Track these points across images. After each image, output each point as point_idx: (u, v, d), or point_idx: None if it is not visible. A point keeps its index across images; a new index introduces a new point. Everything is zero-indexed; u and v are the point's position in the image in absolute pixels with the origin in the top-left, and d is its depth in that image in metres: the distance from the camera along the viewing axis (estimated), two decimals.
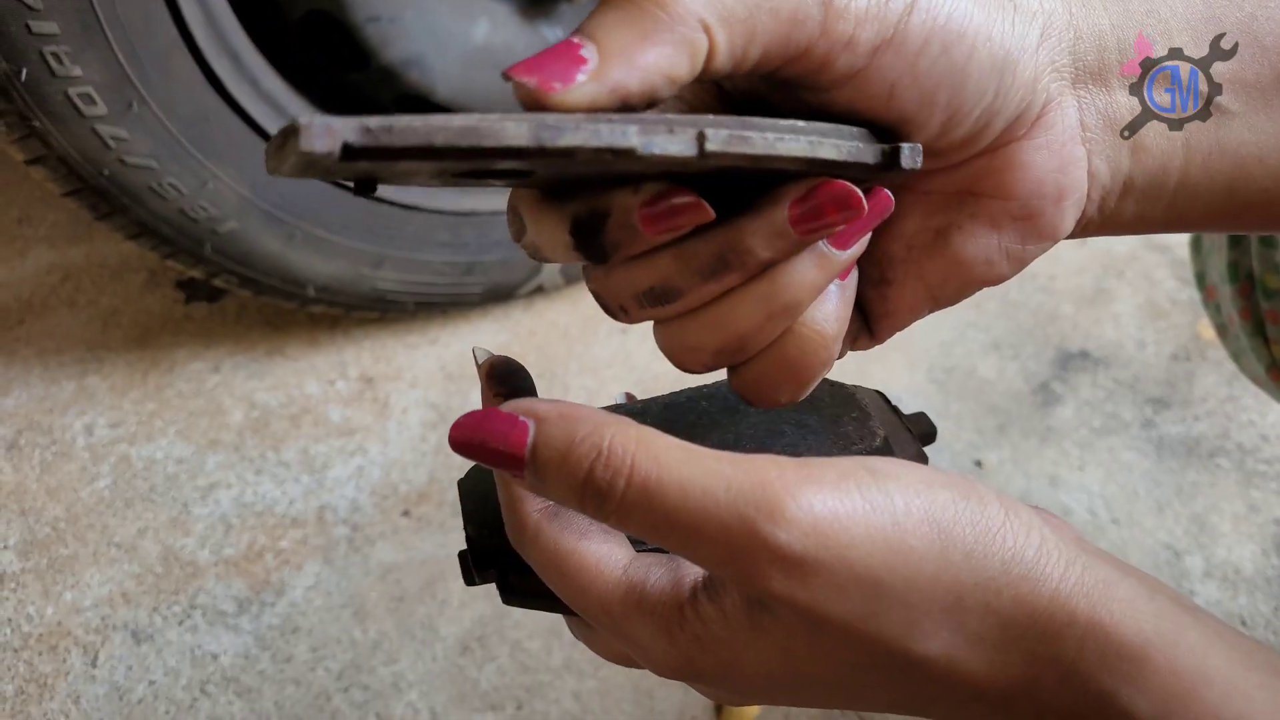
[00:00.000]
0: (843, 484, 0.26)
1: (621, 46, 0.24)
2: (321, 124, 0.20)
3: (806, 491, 0.26)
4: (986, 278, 0.33)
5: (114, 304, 1.10)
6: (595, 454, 0.26)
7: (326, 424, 0.99)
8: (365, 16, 0.81)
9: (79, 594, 0.85)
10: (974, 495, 0.28)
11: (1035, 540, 0.27)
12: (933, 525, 0.26)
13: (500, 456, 0.27)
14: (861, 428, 0.36)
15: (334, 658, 0.81)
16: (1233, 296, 0.71)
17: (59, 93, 0.73)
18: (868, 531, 0.26)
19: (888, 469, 0.28)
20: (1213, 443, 1.02)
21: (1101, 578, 0.27)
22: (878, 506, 0.26)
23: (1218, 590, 0.89)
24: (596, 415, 0.27)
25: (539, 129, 0.22)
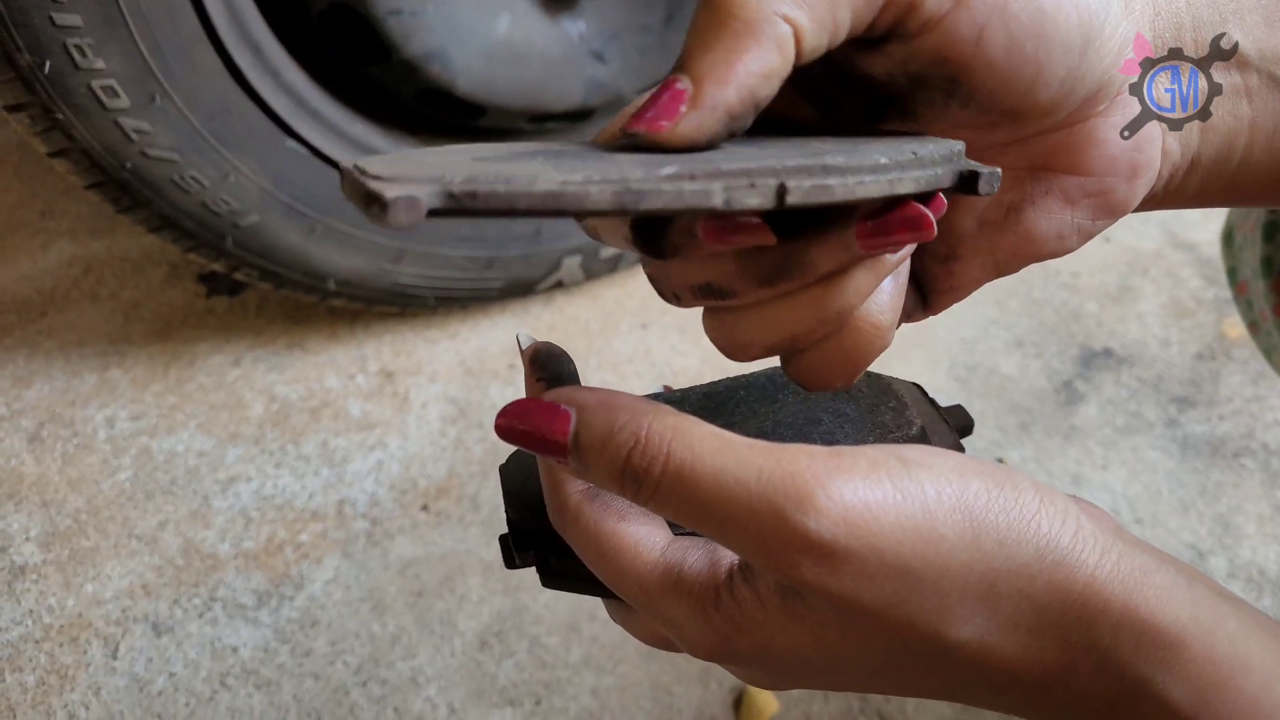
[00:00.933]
0: (873, 473, 0.26)
1: (711, 67, 0.25)
2: (406, 199, 0.20)
3: (837, 480, 0.26)
4: (1055, 251, 0.33)
5: (136, 297, 1.11)
6: (633, 441, 0.27)
7: (346, 418, 0.99)
8: (387, 9, 0.81)
9: (100, 586, 0.85)
10: (1008, 482, 0.28)
11: (1071, 527, 0.27)
12: (965, 513, 0.26)
13: (545, 443, 0.28)
14: (899, 417, 0.36)
15: (353, 652, 0.81)
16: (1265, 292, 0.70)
17: (82, 85, 0.73)
18: (898, 520, 0.26)
19: (920, 457, 0.27)
20: (1237, 443, 1.01)
21: (1138, 565, 0.27)
22: (909, 495, 0.26)
23: (1242, 591, 0.88)
24: (636, 403, 0.28)
25: (623, 194, 0.21)
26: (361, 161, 0.23)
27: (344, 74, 0.90)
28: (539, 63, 0.90)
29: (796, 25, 0.26)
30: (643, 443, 0.27)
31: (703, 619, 0.29)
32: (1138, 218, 1.31)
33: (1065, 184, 0.32)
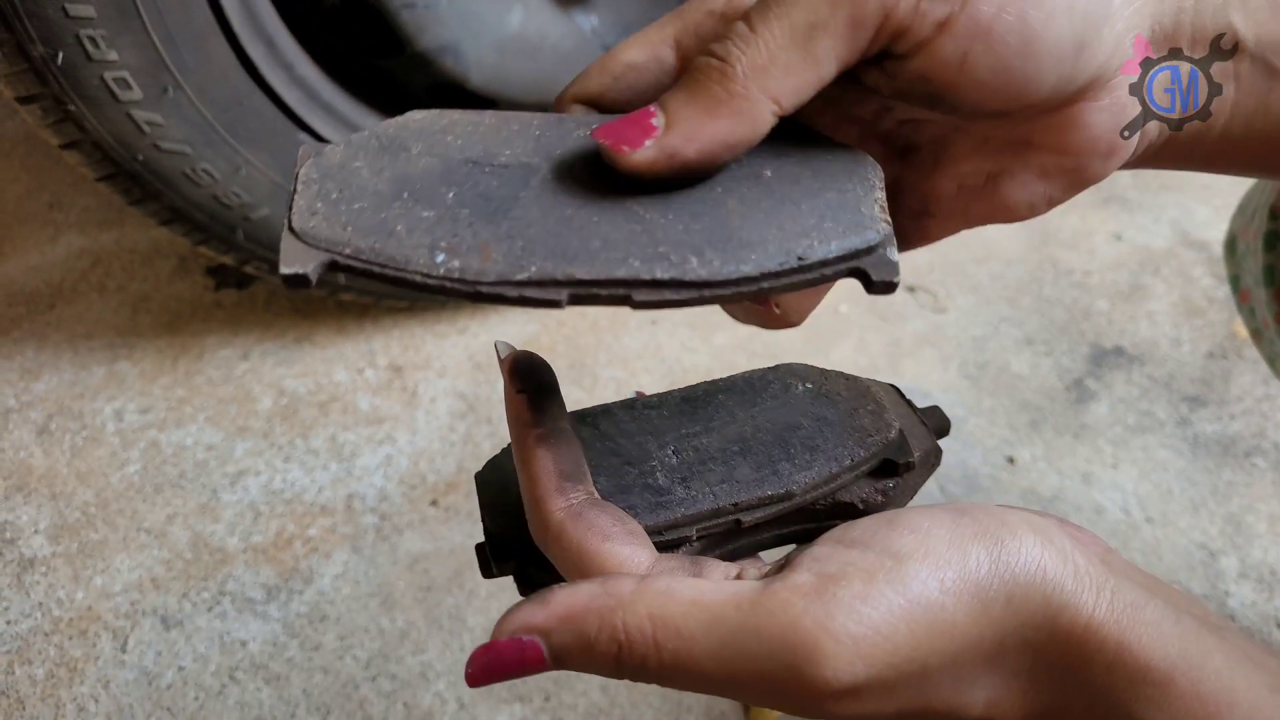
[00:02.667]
0: (872, 588, 0.26)
1: (685, 119, 0.27)
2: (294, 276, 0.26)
3: (838, 617, 0.26)
4: (1023, 216, 0.34)
5: (144, 290, 1.11)
6: (616, 647, 0.26)
7: (355, 412, 0.99)
8: (400, 3, 0.81)
9: (109, 579, 0.85)
10: (1006, 533, 0.28)
11: (1070, 567, 0.28)
12: (972, 591, 0.27)
13: (527, 671, 0.27)
14: (877, 420, 0.35)
15: (362, 646, 0.81)
16: (1268, 301, 0.70)
17: (95, 77, 0.73)
18: (910, 629, 0.26)
19: (913, 543, 0.27)
20: (1249, 442, 1.00)
21: (1130, 601, 0.28)
22: (914, 597, 0.26)
23: (1253, 591, 0.87)
24: (599, 601, 0.27)
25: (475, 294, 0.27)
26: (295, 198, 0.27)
27: (356, 67, 0.89)
28: (551, 57, 0.90)
29: (779, 101, 0.27)
30: (626, 645, 0.26)
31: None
32: (1150, 218, 1.30)
33: (1045, 160, 0.32)
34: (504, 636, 0.27)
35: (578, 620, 0.27)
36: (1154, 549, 0.90)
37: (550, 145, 0.29)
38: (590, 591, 0.27)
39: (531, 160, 0.29)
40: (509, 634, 0.27)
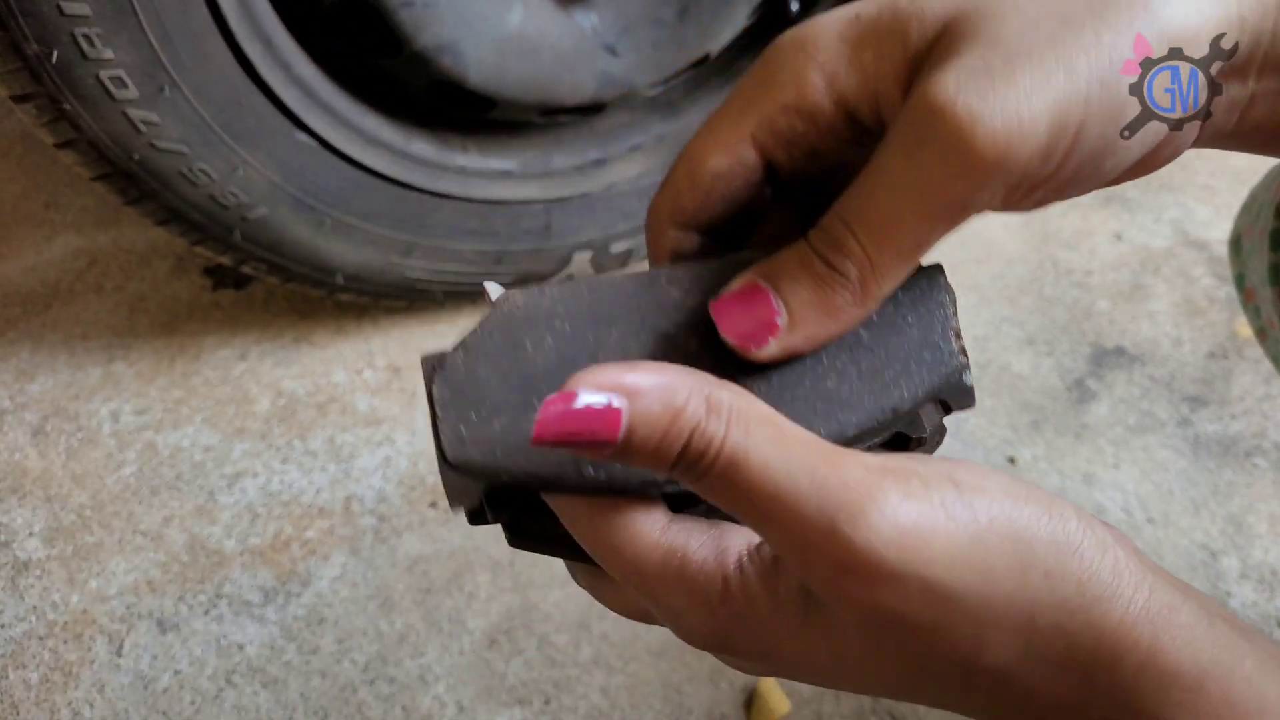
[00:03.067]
0: (928, 494, 0.26)
1: (809, 322, 0.29)
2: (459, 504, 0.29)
3: (892, 498, 0.25)
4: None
5: (141, 290, 1.10)
6: (692, 427, 0.25)
7: (354, 413, 0.99)
8: (399, 1, 0.80)
9: (104, 582, 0.84)
10: (1055, 510, 0.27)
11: (1110, 560, 0.27)
12: (1015, 543, 0.26)
13: (590, 447, 0.25)
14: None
15: (360, 649, 0.81)
16: (1273, 300, 0.69)
17: (90, 75, 0.72)
18: (948, 547, 0.25)
19: (973, 480, 0.27)
20: (1250, 442, 1.00)
21: (1166, 602, 0.27)
22: (961, 522, 0.26)
23: (1254, 592, 0.87)
24: (693, 376, 0.26)
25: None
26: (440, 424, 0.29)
27: (355, 66, 0.89)
28: (551, 55, 0.90)
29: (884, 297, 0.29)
30: (700, 427, 0.25)
31: (705, 610, 0.28)
32: (1150, 218, 1.30)
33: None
34: (587, 388, 0.25)
35: (666, 390, 0.25)
36: (1155, 549, 0.90)
37: (653, 321, 0.30)
38: (680, 370, 0.26)
39: (640, 340, 0.30)
40: (593, 389, 0.25)
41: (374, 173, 0.89)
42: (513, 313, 0.30)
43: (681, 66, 0.97)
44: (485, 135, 0.97)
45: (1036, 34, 0.26)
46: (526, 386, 0.29)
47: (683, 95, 1.06)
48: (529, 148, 0.99)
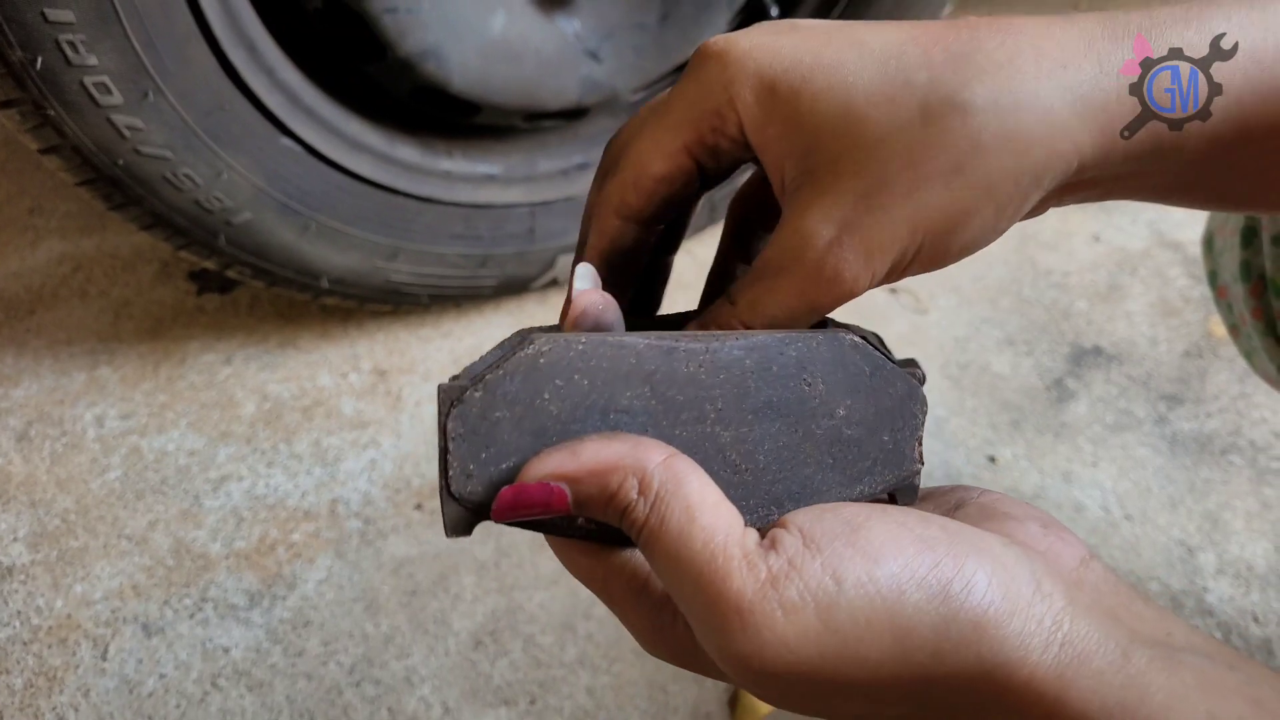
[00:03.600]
0: (803, 604, 0.27)
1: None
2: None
3: (756, 616, 0.27)
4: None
5: (126, 295, 1.10)
6: (625, 507, 0.29)
7: (339, 416, 0.99)
8: (382, 7, 0.81)
9: (89, 586, 0.84)
10: (960, 580, 0.28)
11: (1022, 618, 0.28)
12: (895, 635, 0.27)
13: (549, 514, 0.30)
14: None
15: (346, 652, 0.81)
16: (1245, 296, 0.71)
17: (74, 81, 0.72)
18: (818, 653, 0.27)
19: (861, 571, 0.28)
20: (1225, 440, 1.02)
21: (1079, 652, 0.28)
22: (832, 625, 0.27)
23: (1230, 587, 0.88)
24: (626, 461, 0.29)
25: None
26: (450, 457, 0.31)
27: (339, 71, 0.89)
28: (534, 61, 0.90)
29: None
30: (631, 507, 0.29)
31: (656, 634, 0.31)
32: (1127, 219, 1.32)
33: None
34: (533, 480, 0.29)
35: (605, 475, 0.29)
36: (1133, 546, 0.91)
37: (662, 387, 0.32)
38: (621, 449, 0.29)
39: (648, 405, 0.32)
40: (538, 479, 0.29)
41: (358, 177, 0.89)
42: (536, 361, 0.31)
43: (663, 71, 0.98)
44: (470, 140, 0.98)
45: (890, 174, 0.30)
46: (538, 434, 0.31)
47: None
48: (513, 152, 1.00)
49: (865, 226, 0.30)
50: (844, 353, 0.33)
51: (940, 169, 0.30)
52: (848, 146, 0.31)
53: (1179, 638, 0.29)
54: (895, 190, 0.30)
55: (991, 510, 0.33)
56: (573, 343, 0.31)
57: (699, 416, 0.32)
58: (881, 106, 0.30)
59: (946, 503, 0.35)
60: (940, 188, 0.30)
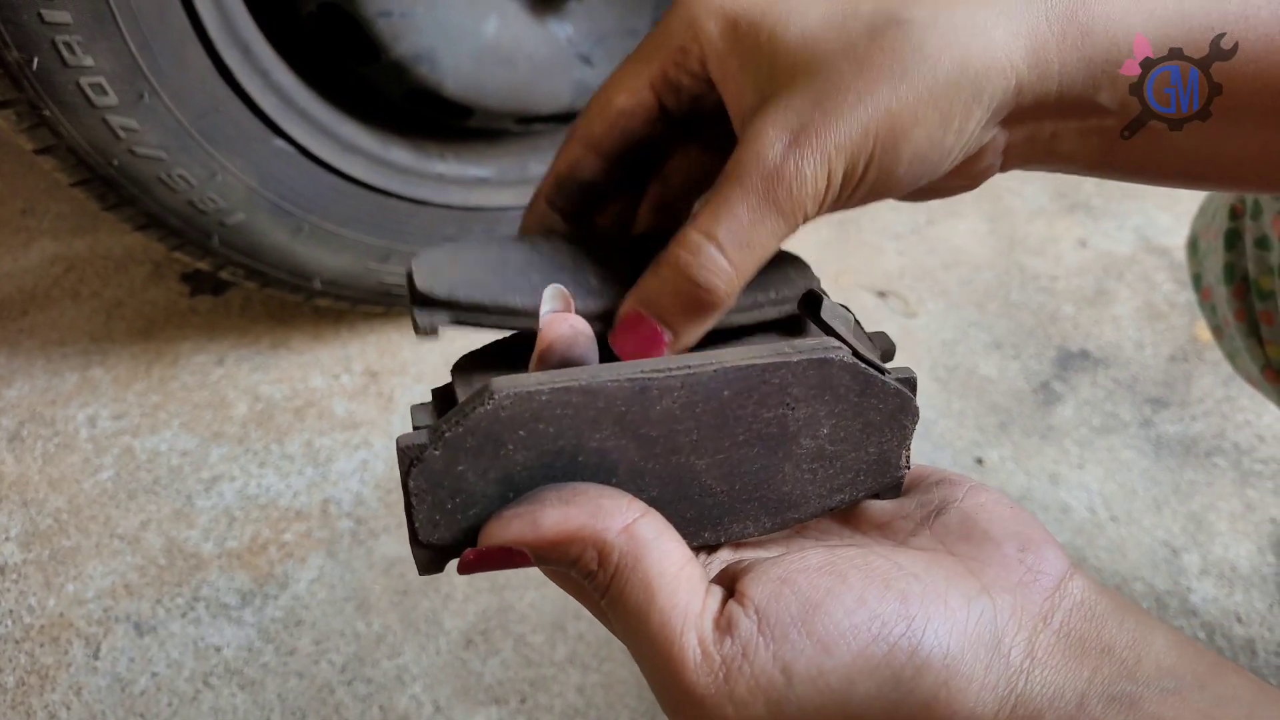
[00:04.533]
0: (749, 703, 0.28)
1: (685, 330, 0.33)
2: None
3: (708, 707, 0.28)
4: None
5: (118, 296, 1.10)
6: (587, 576, 0.30)
7: (331, 417, 0.99)
8: (376, 11, 0.81)
9: (81, 586, 0.84)
10: (912, 664, 0.28)
11: (976, 686, 0.28)
12: (839, 687, 0.28)
13: (513, 567, 0.30)
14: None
15: (337, 650, 0.81)
16: (1228, 298, 0.72)
17: (70, 82, 0.73)
18: (767, 706, 0.28)
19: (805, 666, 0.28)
20: (1210, 442, 1.03)
21: (1030, 711, 0.28)
22: (776, 700, 0.28)
23: (1214, 588, 0.89)
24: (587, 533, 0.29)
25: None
26: (414, 511, 0.30)
27: (333, 74, 0.90)
28: (526, 65, 0.91)
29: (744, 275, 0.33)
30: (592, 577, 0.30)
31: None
32: (1114, 225, 1.33)
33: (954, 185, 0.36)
34: (495, 545, 0.30)
35: (565, 546, 0.29)
36: (1119, 547, 0.92)
37: (634, 425, 0.31)
38: (582, 519, 0.29)
39: (619, 444, 0.31)
40: (500, 544, 0.30)
41: (351, 179, 0.90)
42: (496, 415, 0.30)
43: None
44: (462, 143, 0.98)
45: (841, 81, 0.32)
46: (504, 481, 0.31)
47: None
48: (505, 155, 1.01)
49: (819, 126, 0.31)
50: (831, 375, 0.31)
51: (886, 74, 0.31)
52: (803, 66, 0.32)
53: (1147, 664, 0.29)
54: (846, 95, 0.31)
55: (970, 527, 0.32)
56: (535, 395, 0.30)
57: (673, 449, 0.31)
58: (834, 29, 0.32)
59: (930, 500, 0.34)
60: (888, 90, 0.31)
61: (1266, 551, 0.92)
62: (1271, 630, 0.86)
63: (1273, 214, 0.65)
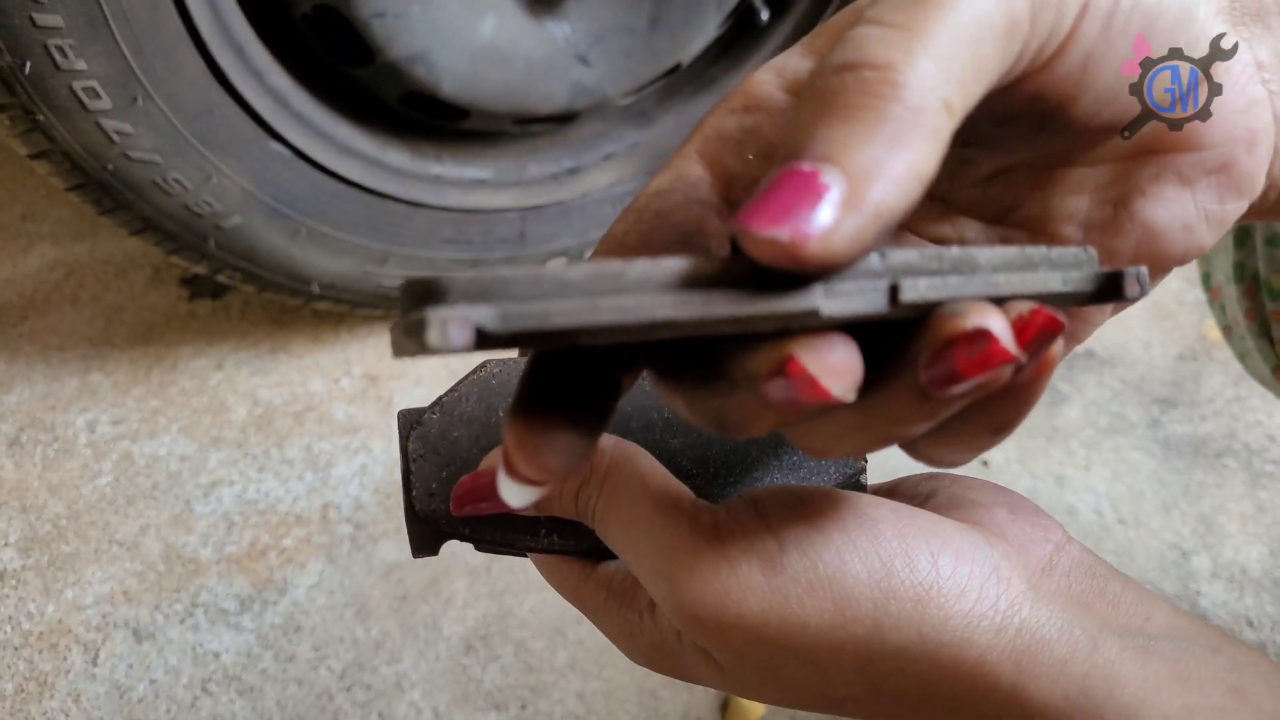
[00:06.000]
0: (747, 557, 0.27)
1: (869, 161, 0.20)
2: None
3: (709, 563, 0.27)
4: (1186, 247, 0.29)
5: (118, 301, 1.10)
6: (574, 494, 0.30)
7: (330, 421, 0.99)
8: (371, 12, 0.81)
9: (80, 592, 0.84)
10: (904, 556, 0.27)
11: (970, 599, 0.27)
12: (835, 601, 0.27)
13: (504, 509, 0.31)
14: None
15: (337, 657, 0.81)
16: (1238, 297, 0.70)
17: (63, 86, 0.73)
18: (759, 608, 0.27)
19: (804, 537, 0.28)
20: (1219, 443, 1.01)
21: (1036, 639, 0.27)
22: (774, 584, 0.27)
23: (1224, 591, 0.88)
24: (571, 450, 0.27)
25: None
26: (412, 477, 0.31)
27: (328, 76, 0.89)
28: (524, 65, 0.90)
29: (954, 111, 0.22)
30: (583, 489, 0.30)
31: (628, 638, 0.32)
32: None
33: (1177, 163, 0.28)
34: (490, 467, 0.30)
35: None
36: (1127, 550, 0.91)
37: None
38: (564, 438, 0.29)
39: None
40: (495, 465, 0.30)
41: (348, 182, 0.89)
42: (488, 382, 0.32)
43: (653, 75, 0.98)
44: (460, 144, 0.98)
45: None
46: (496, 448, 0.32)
47: (655, 104, 1.07)
48: (503, 157, 1.00)
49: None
50: None
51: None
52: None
53: (1157, 622, 0.28)
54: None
55: (959, 499, 0.32)
56: (522, 363, 0.32)
57: (648, 424, 0.32)
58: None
59: (917, 493, 0.34)
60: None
61: (1278, 554, 0.91)
62: None
63: None
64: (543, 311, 0.18)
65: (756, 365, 0.20)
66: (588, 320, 0.18)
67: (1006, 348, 0.20)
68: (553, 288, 0.18)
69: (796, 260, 0.19)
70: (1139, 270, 0.23)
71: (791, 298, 0.19)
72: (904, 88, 0.20)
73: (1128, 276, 0.23)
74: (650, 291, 0.18)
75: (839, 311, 0.19)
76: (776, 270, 0.19)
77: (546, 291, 0.18)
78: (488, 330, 0.17)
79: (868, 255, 0.20)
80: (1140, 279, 0.23)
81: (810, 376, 0.19)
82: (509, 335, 0.18)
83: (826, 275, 0.20)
